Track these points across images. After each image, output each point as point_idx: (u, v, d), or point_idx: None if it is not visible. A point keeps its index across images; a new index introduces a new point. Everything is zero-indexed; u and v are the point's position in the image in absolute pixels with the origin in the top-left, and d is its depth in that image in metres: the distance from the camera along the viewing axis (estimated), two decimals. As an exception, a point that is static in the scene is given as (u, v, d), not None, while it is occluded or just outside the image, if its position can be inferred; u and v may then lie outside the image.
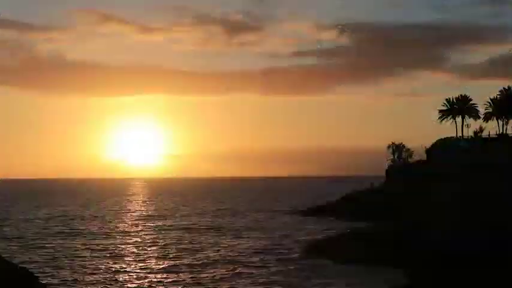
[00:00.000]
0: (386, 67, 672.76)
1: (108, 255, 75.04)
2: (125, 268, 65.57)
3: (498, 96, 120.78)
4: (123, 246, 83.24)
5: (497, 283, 47.98)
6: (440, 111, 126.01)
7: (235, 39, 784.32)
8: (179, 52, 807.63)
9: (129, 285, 57.45)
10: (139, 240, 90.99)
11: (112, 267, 65.90)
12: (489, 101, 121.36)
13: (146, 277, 60.61)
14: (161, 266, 66.73)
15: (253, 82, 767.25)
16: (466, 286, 49.12)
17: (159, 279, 59.25)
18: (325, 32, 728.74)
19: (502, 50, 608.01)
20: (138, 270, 64.11)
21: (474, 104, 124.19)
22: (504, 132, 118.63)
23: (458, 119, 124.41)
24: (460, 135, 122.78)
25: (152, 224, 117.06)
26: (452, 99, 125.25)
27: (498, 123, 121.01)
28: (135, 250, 79.75)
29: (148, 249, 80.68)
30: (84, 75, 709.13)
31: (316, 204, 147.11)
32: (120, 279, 59.66)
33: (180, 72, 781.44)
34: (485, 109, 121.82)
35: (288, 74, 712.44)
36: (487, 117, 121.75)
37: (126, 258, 72.33)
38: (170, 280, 58.99)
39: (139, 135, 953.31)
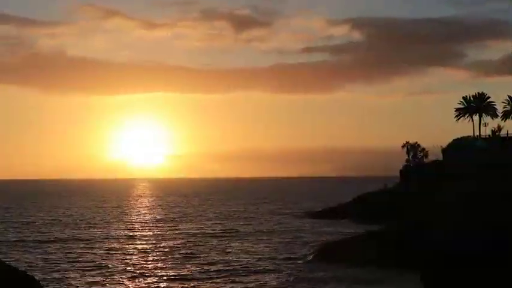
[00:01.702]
0: (397, 64, 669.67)
1: (111, 260, 76.83)
2: (128, 273, 67.25)
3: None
4: (127, 251, 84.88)
5: (499, 283, 50.34)
6: (457, 109, 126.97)
7: (243, 35, 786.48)
8: (184, 49, 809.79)
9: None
10: (145, 245, 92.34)
11: (115, 272, 67.79)
12: (508, 98, 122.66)
13: (150, 283, 62.30)
14: (167, 273, 67.77)
15: (261, 80, 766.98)
16: (469, 286, 51.50)
17: (165, 287, 60.97)
18: (336, 28, 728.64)
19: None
20: (143, 277, 65.55)
21: (492, 101, 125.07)
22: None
23: (476, 118, 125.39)
24: (478, 134, 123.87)
25: (158, 228, 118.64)
26: (469, 97, 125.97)
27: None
28: (140, 255, 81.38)
29: (154, 254, 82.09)
30: (86, 73, 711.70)
31: (328, 205, 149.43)
32: (123, 285, 61.61)
33: (185, 70, 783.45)
34: (504, 107, 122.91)
35: (296, 71, 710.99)
36: (506, 116, 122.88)
37: (130, 264, 73.76)
38: (177, 286, 60.80)
39: (142, 135, 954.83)
